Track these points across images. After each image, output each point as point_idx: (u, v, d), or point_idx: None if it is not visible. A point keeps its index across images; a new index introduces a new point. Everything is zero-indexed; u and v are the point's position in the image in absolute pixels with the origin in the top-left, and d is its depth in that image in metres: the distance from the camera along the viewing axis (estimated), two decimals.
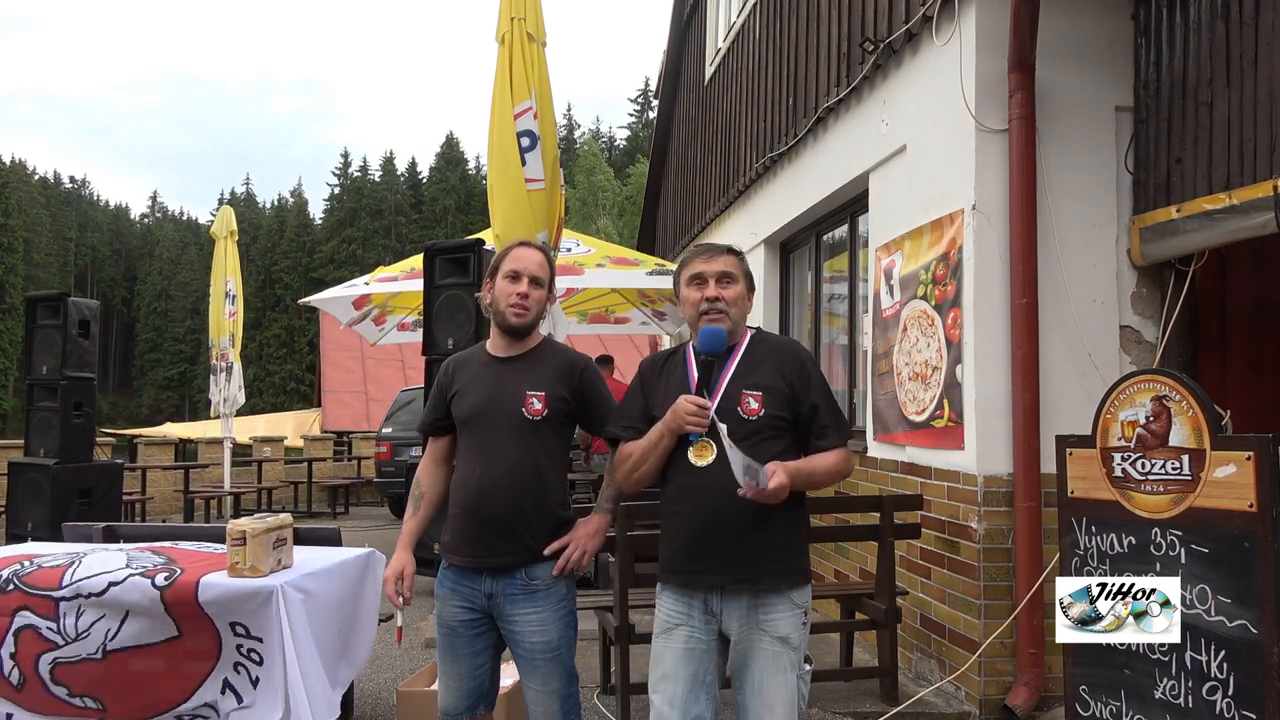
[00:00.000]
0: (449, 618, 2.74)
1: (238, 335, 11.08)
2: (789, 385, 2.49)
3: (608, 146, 65.03)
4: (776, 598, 2.44)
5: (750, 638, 2.44)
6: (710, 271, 2.56)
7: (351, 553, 3.56)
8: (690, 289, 2.58)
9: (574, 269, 7.95)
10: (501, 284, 2.73)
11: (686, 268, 2.61)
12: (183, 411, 64.28)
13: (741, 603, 2.44)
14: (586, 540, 2.74)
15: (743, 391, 2.47)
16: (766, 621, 2.43)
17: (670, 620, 2.50)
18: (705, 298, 2.54)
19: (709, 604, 2.46)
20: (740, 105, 8.84)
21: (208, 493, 12.05)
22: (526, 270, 2.74)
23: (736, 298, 2.56)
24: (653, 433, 2.50)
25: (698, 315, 2.55)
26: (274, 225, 74.47)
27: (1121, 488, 3.28)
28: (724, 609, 2.45)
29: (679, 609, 2.49)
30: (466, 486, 2.69)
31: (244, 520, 3.21)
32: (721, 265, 2.57)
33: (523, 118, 5.07)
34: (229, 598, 3.06)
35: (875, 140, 5.55)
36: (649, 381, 2.63)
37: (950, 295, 4.60)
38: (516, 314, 2.72)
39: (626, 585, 4.20)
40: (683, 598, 2.48)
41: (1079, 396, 4.19)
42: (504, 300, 2.72)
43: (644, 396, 2.61)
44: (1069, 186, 4.41)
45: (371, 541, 4.58)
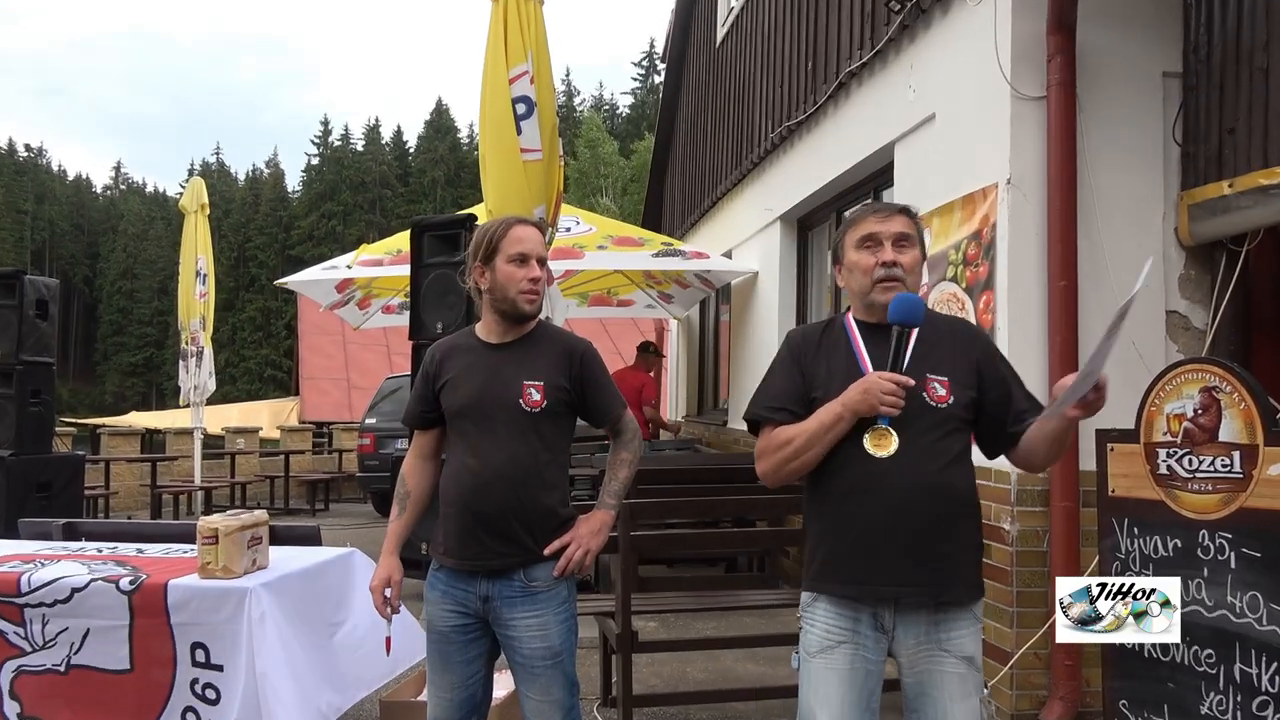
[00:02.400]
0: (440, 623, 2.74)
1: (209, 317, 11.08)
2: (975, 368, 2.36)
3: (610, 116, 64.85)
4: (960, 612, 2.31)
5: (931, 659, 2.29)
6: (886, 232, 2.38)
7: (332, 553, 3.58)
8: (860, 253, 2.40)
9: (573, 251, 7.93)
10: (507, 268, 2.70)
11: (855, 228, 2.43)
12: (149, 399, 64.43)
13: (919, 619, 2.30)
14: (589, 538, 2.74)
15: (927, 376, 2.31)
16: (949, 640, 2.29)
17: (830, 637, 2.34)
18: (881, 262, 2.35)
19: (879, 619, 2.31)
20: (755, 70, 8.81)
21: (176, 487, 12.09)
22: (534, 252, 2.72)
23: (914, 265, 2.39)
24: (826, 415, 2.31)
25: (870, 284, 2.37)
26: (248, 198, 74.47)
27: (1167, 486, 3.27)
28: (898, 625, 2.30)
29: (842, 624, 2.33)
30: (460, 483, 2.69)
31: (216, 517, 3.22)
32: (899, 226, 2.39)
33: (518, 82, 5.04)
34: (199, 601, 3.07)
35: (901, 108, 5.53)
36: (804, 358, 2.45)
37: (982, 277, 4.59)
38: (529, 300, 2.71)
39: (629, 589, 4.21)
40: (847, 611, 2.33)
41: (1121, 387, 4.13)
42: (514, 286, 2.70)
43: (800, 374, 2.43)
44: (1112, 159, 4.39)
45: (354, 541, 4.60)
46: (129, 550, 3.67)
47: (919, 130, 5.36)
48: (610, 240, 8.41)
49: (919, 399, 2.29)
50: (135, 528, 4.11)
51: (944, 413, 2.30)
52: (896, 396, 2.24)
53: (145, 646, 3.11)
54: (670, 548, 6.19)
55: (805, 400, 2.39)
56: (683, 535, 5.94)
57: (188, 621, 3.08)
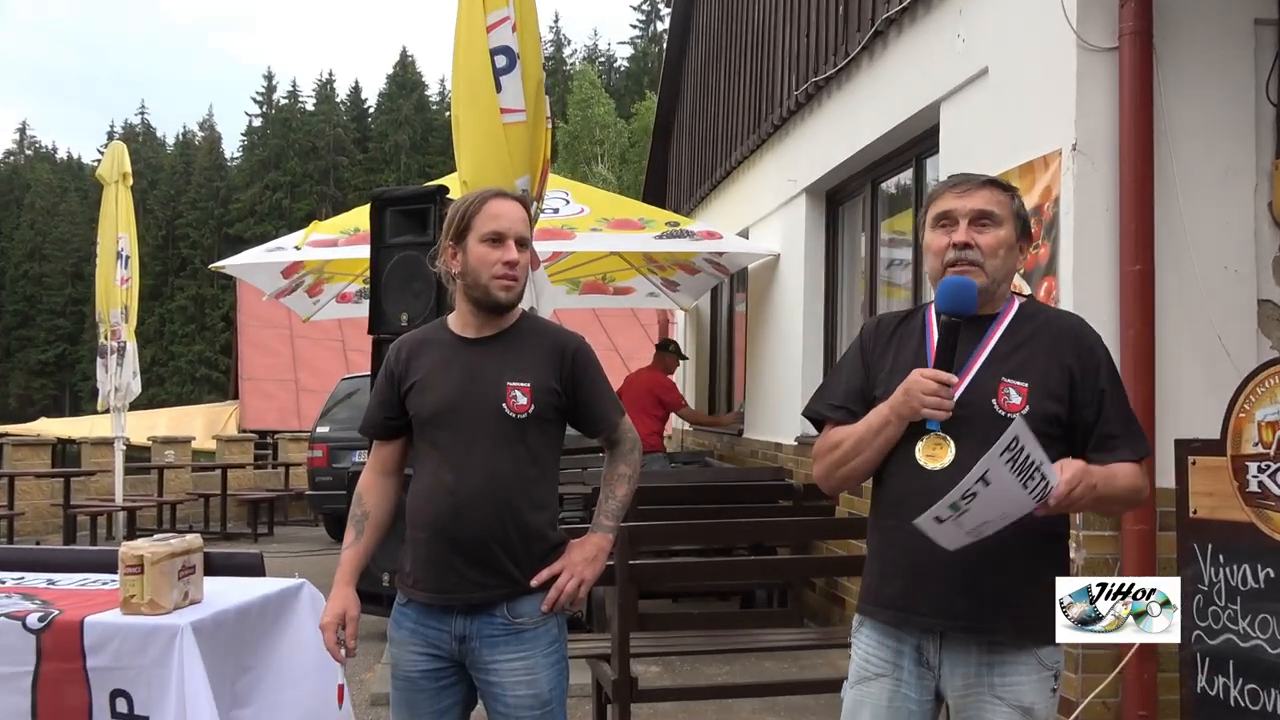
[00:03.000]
0: (408, 667, 2.75)
1: (132, 307, 11.08)
2: (1068, 377, 2.36)
3: (605, 71, 64.87)
4: (1019, 654, 2.32)
5: (980, 703, 2.32)
6: (963, 209, 2.41)
7: (278, 585, 3.58)
8: (935, 233, 2.44)
9: (563, 233, 7.93)
10: (479, 249, 2.71)
11: (934, 204, 2.48)
12: (62, 404, 64.46)
13: (969, 656, 2.33)
14: (583, 567, 2.75)
15: (1001, 380, 2.34)
16: (1004, 686, 2.31)
17: (870, 668, 2.41)
18: (953, 243, 2.39)
19: (923, 652, 2.36)
20: (776, 15, 8.82)
21: (94, 507, 12.09)
22: (512, 230, 2.73)
23: (997, 246, 2.40)
24: (873, 417, 2.37)
25: (942, 268, 2.41)
26: (178, 166, 74.45)
27: (1258, 506, 3.29)
28: (944, 661, 2.34)
29: (883, 655, 2.40)
30: (433, 503, 2.70)
31: (141, 543, 3.23)
32: (980, 202, 2.41)
33: (498, 30, 5.05)
34: (121, 641, 3.07)
35: (949, 61, 5.54)
36: (871, 351, 2.51)
37: (1044, 260, 4.60)
38: (505, 287, 2.72)
39: (628, 628, 4.23)
40: (890, 640, 2.39)
41: (1205, 390, 4.19)
42: (486, 270, 2.70)
43: (863, 369, 2.49)
44: (1195, 121, 4.40)
45: (303, 570, 4.60)
46: (37, 581, 3.66)
47: (969, 87, 5.37)
48: (605, 223, 8.39)
49: (987, 406, 2.31)
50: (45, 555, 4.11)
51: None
52: (940, 398, 2.26)
53: (53, 696, 3.11)
54: (675, 578, 6.20)
55: (866, 399, 2.45)
56: (690, 564, 5.96)
57: (107, 665, 3.07)
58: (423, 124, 70.62)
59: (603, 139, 38.06)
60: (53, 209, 76.58)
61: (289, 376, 24.21)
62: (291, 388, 23.90)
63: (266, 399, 23.79)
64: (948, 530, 2.16)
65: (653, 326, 18.22)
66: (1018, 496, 2.14)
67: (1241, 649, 3.30)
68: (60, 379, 70.57)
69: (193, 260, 65.63)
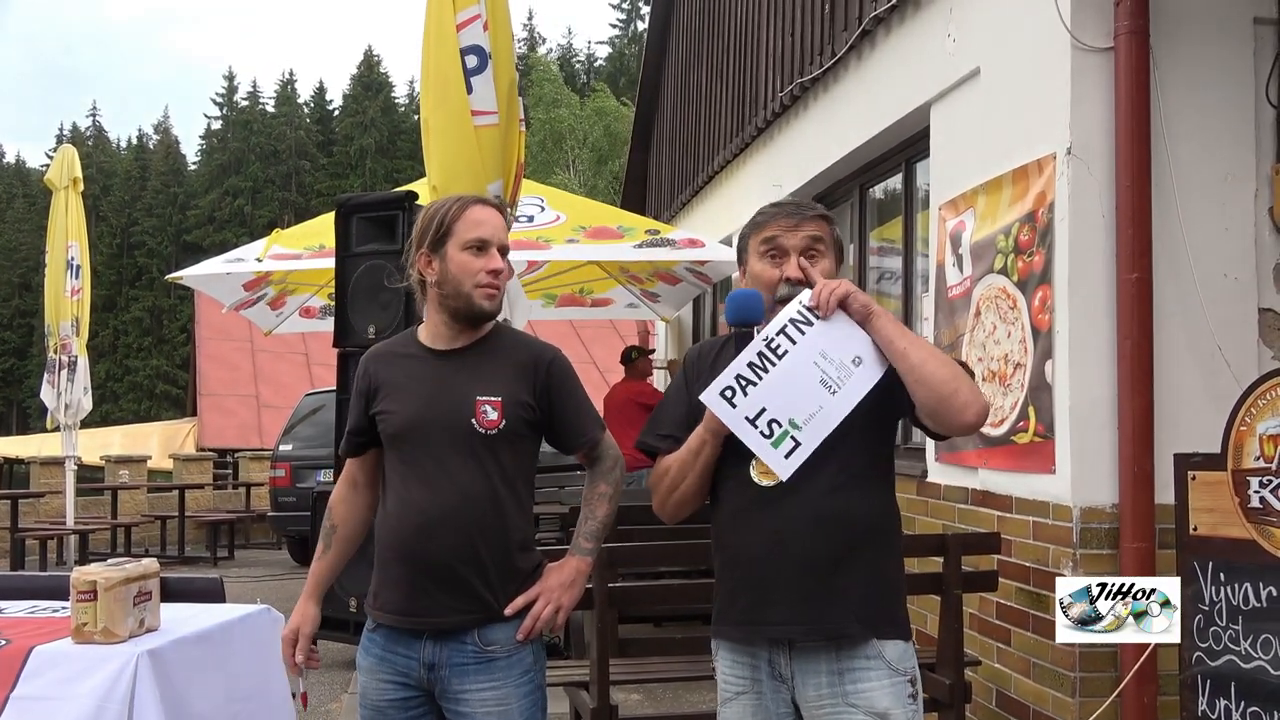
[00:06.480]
0: (375, 696, 2.74)
1: (84, 319, 11.03)
2: None
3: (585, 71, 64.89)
4: (869, 661, 2.41)
5: (835, 713, 2.40)
6: (792, 242, 2.53)
7: (239, 611, 3.57)
8: (763, 263, 2.56)
9: (537, 244, 7.93)
10: (462, 257, 2.71)
11: (758, 232, 2.59)
12: (8, 422, 63.92)
13: (819, 665, 2.42)
14: (560, 592, 2.75)
15: None
16: (856, 693, 2.39)
17: (730, 688, 2.51)
18: (785, 278, 2.50)
19: (775, 665, 2.46)
20: (760, 14, 8.86)
21: (44, 530, 12.00)
22: (496, 238, 2.74)
23: (825, 276, 2.51)
24: (692, 439, 2.49)
25: (771, 302, 2.50)
26: (133, 171, 74.02)
27: (1259, 522, 3.31)
28: (795, 673, 2.43)
29: (740, 673, 2.50)
30: (403, 523, 2.70)
31: (94, 568, 3.20)
32: (809, 231, 2.54)
33: (469, 29, 5.06)
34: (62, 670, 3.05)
35: (939, 61, 5.58)
36: (695, 379, 2.59)
37: (1038, 268, 4.63)
38: (488, 295, 2.73)
39: (607, 655, 4.22)
40: (743, 658, 2.49)
41: (1205, 402, 4.23)
42: (469, 279, 2.70)
43: (688, 397, 2.58)
44: (1193, 124, 4.44)
45: (266, 596, 4.59)
46: None
47: (960, 88, 5.41)
48: (583, 231, 8.39)
49: None
50: None
51: (838, 429, 2.39)
52: None
53: None
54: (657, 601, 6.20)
55: (693, 424, 2.53)
56: (673, 586, 5.95)
57: (33, 695, 3.03)
58: (389, 127, 70.50)
59: (571, 140, 36.61)
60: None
61: (250, 392, 24.13)
62: (252, 404, 23.81)
63: (226, 415, 23.69)
64: (757, 441, 2.34)
65: (632, 338, 18.18)
66: (805, 374, 2.35)
67: (1244, 670, 3.32)
68: (7, 395, 69.92)
69: (149, 269, 65.19)
